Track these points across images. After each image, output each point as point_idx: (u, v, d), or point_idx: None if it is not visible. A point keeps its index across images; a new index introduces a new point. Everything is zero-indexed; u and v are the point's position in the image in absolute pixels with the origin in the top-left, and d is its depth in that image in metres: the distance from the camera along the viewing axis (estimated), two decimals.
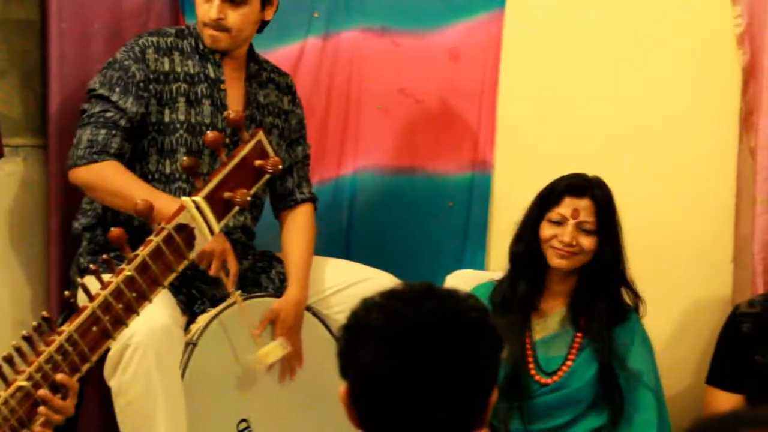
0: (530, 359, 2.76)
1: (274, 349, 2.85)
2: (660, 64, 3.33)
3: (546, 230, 2.73)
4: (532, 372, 2.76)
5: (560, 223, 2.73)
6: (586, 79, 3.38)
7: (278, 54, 3.35)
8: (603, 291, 2.76)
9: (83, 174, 2.86)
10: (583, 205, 2.73)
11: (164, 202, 2.39)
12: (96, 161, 2.84)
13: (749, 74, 3.24)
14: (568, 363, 2.76)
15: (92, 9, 3.17)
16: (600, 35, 3.37)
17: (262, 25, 3.00)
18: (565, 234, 2.71)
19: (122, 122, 2.87)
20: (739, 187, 3.27)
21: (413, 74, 3.44)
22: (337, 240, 3.45)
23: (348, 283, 3.01)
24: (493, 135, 3.42)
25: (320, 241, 3.24)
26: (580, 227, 2.72)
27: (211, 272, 2.81)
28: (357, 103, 3.46)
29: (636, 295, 2.82)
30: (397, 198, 3.47)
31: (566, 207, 2.73)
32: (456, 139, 3.44)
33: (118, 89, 2.88)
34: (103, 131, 2.85)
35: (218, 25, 2.90)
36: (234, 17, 2.90)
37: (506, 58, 3.40)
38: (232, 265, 2.84)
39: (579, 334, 2.77)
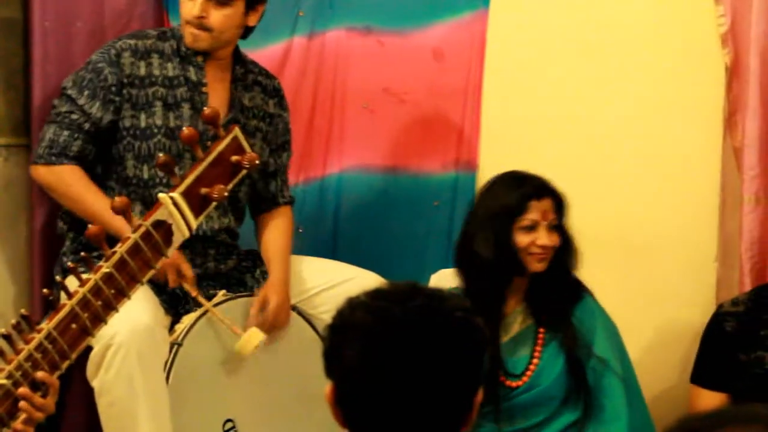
0: (496, 364, 2.74)
1: (252, 337, 2.83)
2: (644, 64, 3.33)
3: (521, 238, 2.71)
4: (501, 378, 2.74)
5: (533, 228, 2.72)
6: (571, 79, 3.38)
7: (263, 53, 3.34)
8: (558, 281, 2.76)
9: (42, 173, 2.89)
10: (547, 204, 2.73)
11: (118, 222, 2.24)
12: (54, 163, 2.86)
13: (733, 74, 3.25)
14: (534, 362, 2.75)
15: (75, 8, 3.16)
16: (584, 35, 3.38)
17: (247, 31, 2.99)
18: (542, 238, 2.70)
19: (86, 126, 2.87)
20: (723, 186, 3.28)
21: (398, 73, 3.44)
22: (322, 239, 3.45)
23: (333, 283, 3.01)
24: (478, 134, 3.42)
25: (306, 240, 3.24)
26: (550, 226, 2.72)
27: (170, 285, 2.81)
28: (342, 102, 3.46)
29: (577, 280, 2.81)
30: (383, 197, 3.47)
31: (535, 211, 2.72)
32: (441, 138, 3.44)
33: (86, 92, 2.87)
34: (66, 132, 2.86)
35: (200, 23, 2.89)
36: (216, 17, 2.88)
37: (490, 58, 3.40)
38: (188, 271, 2.84)
39: (542, 330, 2.77)
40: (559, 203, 2.75)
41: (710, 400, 2.90)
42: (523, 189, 2.74)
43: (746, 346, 2.87)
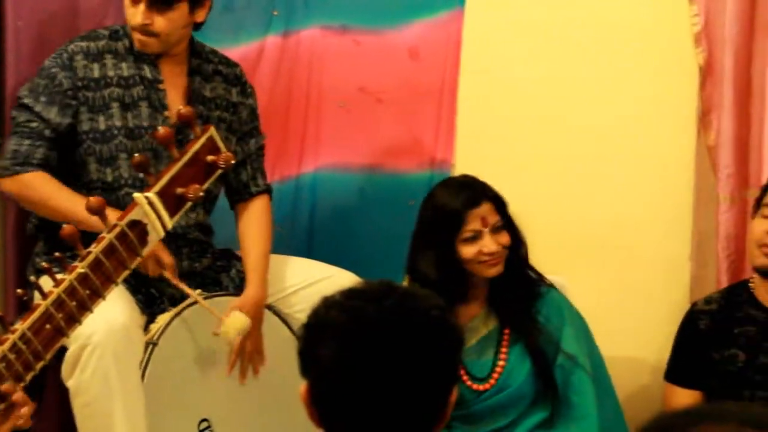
0: (462, 370, 2.73)
1: (235, 321, 2.82)
2: (618, 63, 3.34)
3: (466, 250, 2.68)
4: (468, 382, 2.74)
5: (476, 237, 2.70)
6: (545, 78, 3.39)
7: (237, 52, 3.33)
8: (517, 279, 2.75)
9: (9, 185, 2.87)
10: (485, 210, 2.69)
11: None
12: (19, 172, 2.83)
13: (706, 73, 3.27)
14: (501, 363, 2.74)
15: (49, 6, 3.14)
16: (559, 34, 3.38)
17: (197, 26, 2.96)
18: (488, 244, 2.67)
19: (46, 132, 2.85)
20: (696, 185, 3.29)
21: (373, 72, 3.44)
22: (298, 238, 3.44)
23: (309, 282, 3.00)
24: (453, 133, 3.42)
25: (281, 239, 3.23)
26: (494, 230, 2.70)
27: (150, 273, 2.79)
28: (317, 101, 3.46)
29: (537, 274, 2.79)
30: (358, 196, 3.47)
31: (474, 221, 2.68)
32: (416, 137, 3.44)
33: (43, 99, 2.85)
34: (27, 142, 2.84)
35: (145, 30, 2.85)
36: (161, 22, 2.84)
37: (466, 57, 3.40)
38: (167, 259, 2.82)
39: (506, 331, 2.76)
40: (498, 203, 2.71)
41: (684, 398, 2.92)
42: (458, 200, 2.69)
43: (719, 344, 2.88)
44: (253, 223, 3.03)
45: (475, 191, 2.71)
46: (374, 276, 2.99)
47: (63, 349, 2.57)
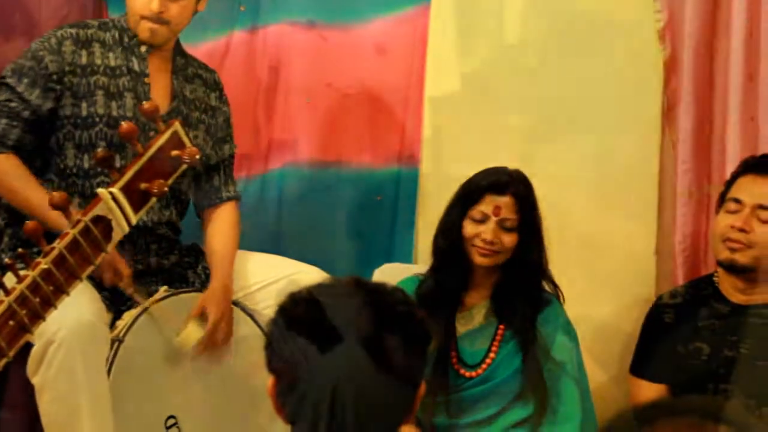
0: (454, 353, 2.77)
1: (192, 332, 2.83)
2: (584, 59, 3.36)
3: (469, 228, 2.73)
4: (456, 366, 2.76)
5: (482, 221, 2.72)
6: (511, 74, 3.40)
7: (204, 48, 3.33)
8: (525, 285, 2.77)
9: None
10: (504, 202, 2.72)
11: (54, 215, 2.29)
12: None
13: (671, 69, 3.29)
14: (491, 356, 2.77)
15: (13, 1, 3.12)
16: (524, 27, 3.39)
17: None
18: (487, 232, 2.70)
19: (25, 114, 2.84)
20: (661, 180, 3.32)
21: (340, 68, 3.44)
22: (265, 235, 3.44)
23: (276, 278, 3.00)
24: (420, 129, 3.43)
25: (249, 236, 3.22)
26: (501, 225, 2.71)
27: (106, 283, 2.79)
28: (285, 97, 3.45)
29: (555, 286, 2.83)
30: (325, 192, 3.47)
31: (488, 204, 2.72)
32: (383, 132, 3.44)
33: (26, 80, 2.84)
34: (3, 121, 2.83)
35: (159, 18, 2.88)
36: (175, 9, 2.89)
37: (432, 52, 3.41)
38: (124, 270, 2.81)
39: (502, 326, 2.78)
40: (523, 204, 2.72)
41: (649, 391, 2.94)
42: (486, 180, 2.73)
43: (684, 337, 2.90)
44: (223, 228, 3.05)
45: (505, 181, 2.73)
46: (341, 272, 3.01)
47: (28, 346, 2.55)
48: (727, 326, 2.88)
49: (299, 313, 1.57)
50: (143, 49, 2.94)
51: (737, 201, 2.85)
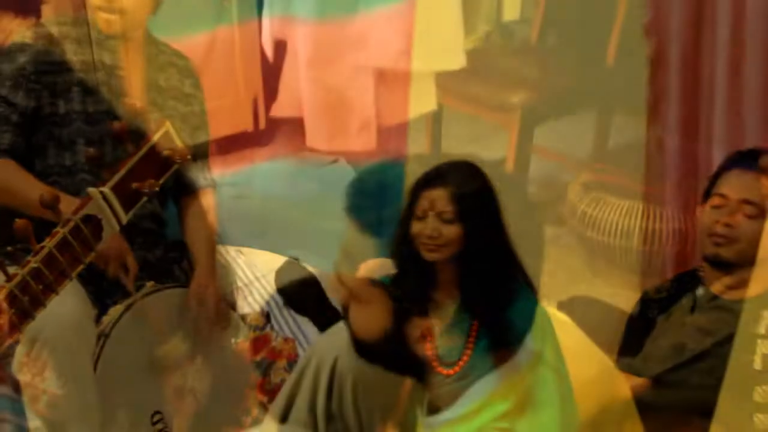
0: (430, 351, 2.76)
1: (174, 347, 2.83)
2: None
3: (414, 227, 2.71)
4: (434, 363, 2.76)
5: (423, 217, 2.69)
6: (497, 64, 3.41)
7: (188, 43, 3.31)
8: (489, 277, 2.76)
9: None
10: (438, 194, 2.68)
11: (67, 201, 2.33)
12: None
13: (656, 63, 3.30)
14: (468, 353, 2.77)
15: None
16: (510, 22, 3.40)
17: (156, 5, 2.96)
18: (427, 227, 2.68)
19: (14, 117, 2.83)
20: (647, 175, 3.33)
21: (326, 63, 3.44)
22: (249, 230, 3.44)
23: (261, 273, 3.00)
24: (406, 123, 3.43)
25: (232, 231, 3.22)
26: (440, 218, 2.70)
27: (109, 273, 2.78)
28: (270, 92, 3.45)
29: (525, 275, 2.81)
30: (314, 185, 3.47)
31: (424, 200, 2.69)
32: (369, 127, 3.44)
33: (8, 83, 2.84)
34: None
35: (110, 7, 2.86)
36: None
37: (418, 47, 3.41)
38: (132, 265, 2.81)
39: (476, 323, 2.78)
40: (456, 195, 2.68)
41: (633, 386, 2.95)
42: (420, 178, 2.72)
43: (668, 332, 2.92)
44: (200, 216, 3.04)
45: (435, 175, 2.72)
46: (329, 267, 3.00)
47: (14, 342, 2.55)
48: (711, 321, 2.90)
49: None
50: (113, 42, 2.92)
51: (723, 196, 2.86)
